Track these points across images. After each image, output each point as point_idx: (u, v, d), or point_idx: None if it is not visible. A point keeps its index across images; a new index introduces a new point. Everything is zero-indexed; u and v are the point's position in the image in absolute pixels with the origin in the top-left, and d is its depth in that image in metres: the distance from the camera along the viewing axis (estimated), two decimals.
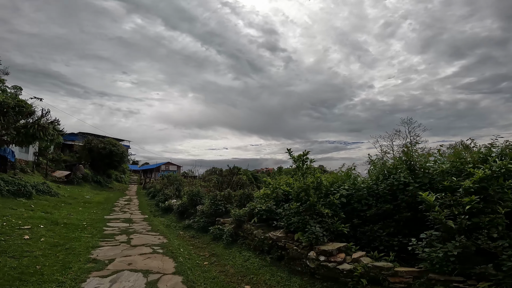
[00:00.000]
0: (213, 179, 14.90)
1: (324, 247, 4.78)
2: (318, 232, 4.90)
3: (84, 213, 11.01)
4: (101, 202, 14.80)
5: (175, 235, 8.05)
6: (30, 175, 17.89)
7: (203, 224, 8.17)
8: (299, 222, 5.30)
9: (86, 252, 5.72)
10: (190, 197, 9.88)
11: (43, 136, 13.49)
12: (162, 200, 13.11)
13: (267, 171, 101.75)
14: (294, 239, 5.32)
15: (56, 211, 10.17)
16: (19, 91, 33.02)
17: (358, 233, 5.51)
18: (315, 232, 4.90)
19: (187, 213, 9.96)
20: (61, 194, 14.64)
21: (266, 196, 6.73)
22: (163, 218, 10.98)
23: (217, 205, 8.18)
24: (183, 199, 13.49)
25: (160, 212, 12.04)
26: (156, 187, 17.77)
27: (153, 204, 14.65)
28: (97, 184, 25.12)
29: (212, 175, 30.44)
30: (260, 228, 6.51)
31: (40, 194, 12.57)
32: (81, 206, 12.84)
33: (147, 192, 21.68)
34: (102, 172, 27.89)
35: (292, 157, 5.92)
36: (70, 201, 13.44)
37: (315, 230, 4.92)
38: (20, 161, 18.67)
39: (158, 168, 49.98)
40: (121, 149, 27.39)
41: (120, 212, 11.85)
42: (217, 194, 8.45)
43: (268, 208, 6.29)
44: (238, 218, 7.03)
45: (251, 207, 7.02)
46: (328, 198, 5.72)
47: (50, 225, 7.84)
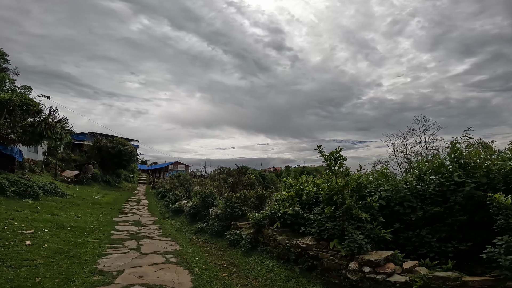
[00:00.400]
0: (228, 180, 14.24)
1: (368, 256, 4.07)
2: (361, 240, 4.18)
3: (92, 215, 10.51)
4: (110, 203, 14.35)
5: (187, 240, 7.41)
6: (39, 175, 17.63)
7: (218, 228, 7.50)
8: (334, 229, 4.56)
9: (92, 261, 5.11)
10: (203, 198, 9.24)
11: (50, 135, 13.10)
12: (172, 201, 12.54)
13: (275, 170, 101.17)
14: (329, 248, 4.61)
15: (63, 213, 9.69)
16: (29, 91, 33.16)
17: (400, 239, 4.80)
18: (357, 239, 4.17)
19: (199, 216, 9.33)
20: (69, 195, 14.25)
21: (290, 199, 6.00)
22: (174, 220, 10.38)
23: (233, 208, 7.50)
24: (193, 199, 12.90)
25: (170, 213, 11.47)
26: (165, 188, 17.26)
27: (163, 205, 14.11)
28: (107, 184, 24.85)
29: (220, 175, 29.91)
30: (284, 234, 5.80)
31: (47, 194, 12.17)
32: (90, 207, 12.38)
33: (156, 192, 21.23)
34: (112, 171, 27.65)
35: (323, 155, 5.17)
36: (78, 202, 13.01)
37: (357, 237, 4.20)
38: (29, 161, 18.45)
39: (166, 167, 49.81)
40: (130, 148, 27.08)
41: (129, 214, 11.33)
42: (232, 195, 7.78)
43: (295, 212, 5.56)
44: (258, 222, 6.33)
45: (272, 211, 6.32)
46: (364, 200, 4.96)
47: (55, 229, 7.31)
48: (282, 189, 7.48)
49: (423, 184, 5.13)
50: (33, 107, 13.53)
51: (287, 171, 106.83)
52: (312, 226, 5.07)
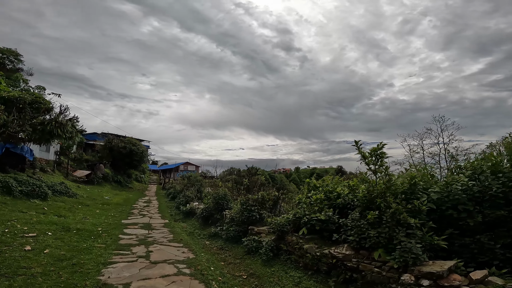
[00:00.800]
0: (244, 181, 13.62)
1: (426, 268, 3.35)
2: (417, 249, 3.43)
3: (101, 216, 10.05)
4: (120, 204, 13.93)
5: (200, 246, 6.76)
6: (50, 174, 17.48)
7: (233, 234, 6.83)
8: (379, 236, 3.81)
9: (96, 271, 4.52)
10: (216, 200, 8.60)
11: (61, 134, 12.79)
12: (183, 202, 11.96)
13: (284, 171, 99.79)
14: (372, 258, 3.86)
15: (70, 214, 9.25)
16: (43, 91, 33.61)
17: (455, 246, 4.09)
18: (412, 249, 3.41)
19: (212, 219, 8.69)
20: (79, 195, 13.93)
21: (319, 202, 5.26)
22: (185, 223, 9.78)
23: (250, 211, 6.81)
24: (204, 201, 12.30)
25: (181, 216, 10.88)
26: (176, 188, 16.76)
27: (173, 206, 13.58)
28: (117, 184, 24.67)
29: (230, 176, 29.34)
30: (311, 242, 5.06)
31: (57, 195, 11.83)
32: (99, 208, 11.97)
33: (166, 192, 20.81)
34: (123, 171, 27.52)
35: (361, 153, 4.42)
36: (88, 203, 12.63)
37: (413, 246, 3.44)
38: (41, 160, 18.36)
39: (177, 168, 49.73)
40: (141, 148, 26.86)
41: (138, 216, 10.81)
42: (249, 198, 7.09)
43: (328, 217, 4.81)
44: (280, 228, 5.62)
45: (296, 215, 5.59)
46: (411, 203, 4.19)
47: (60, 232, 6.82)
48: (305, 191, 6.74)
49: (479, 185, 4.33)
50: (43, 105, 13.28)
51: (297, 172, 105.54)
52: (349, 234, 4.32)
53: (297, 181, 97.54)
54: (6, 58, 32.48)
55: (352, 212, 4.55)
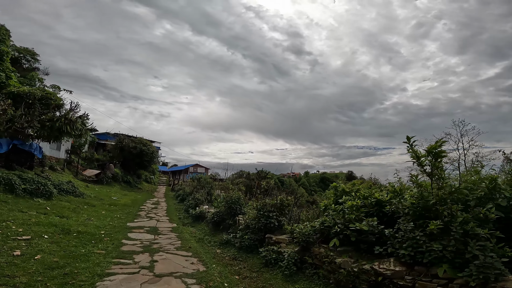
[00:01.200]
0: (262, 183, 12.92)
1: (509, 284, 2.49)
2: (499, 263, 2.60)
3: (106, 218, 9.47)
4: (127, 205, 13.39)
5: (211, 256, 5.99)
6: (60, 173, 17.24)
7: (248, 242, 6.03)
8: (444, 250, 2.97)
9: (90, 284, 3.82)
10: (229, 204, 7.84)
11: (70, 131, 12.41)
12: (193, 205, 11.26)
13: (294, 175, 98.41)
14: (435, 275, 3.03)
15: (74, 215, 8.70)
16: (58, 90, 34.03)
17: None
18: (494, 263, 2.58)
19: (223, 224, 7.93)
20: (87, 195, 13.49)
21: (355, 210, 4.40)
22: (194, 228, 9.06)
23: (268, 218, 6.01)
24: (214, 204, 11.59)
25: (190, 220, 10.18)
26: (185, 190, 16.14)
27: (182, 209, 12.92)
28: (127, 184, 24.35)
29: (240, 178, 28.57)
30: (345, 255, 4.22)
31: (63, 194, 11.38)
32: (105, 209, 11.43)
33: (175, 194, 20.26)
34: (133, 172, 27.27)
35: (414, 151, 3.56)
36: (94, 203, 12.15)
37: (493, 260, 2.61)
38: (51, 159, 18.18)
39: (186, 170, 49.46)
40: (151, 148, 26.56)
41: (145, 218, 10.18)
42: (266, 203, 6.29)
43: (372, 228, 3.96)
44: (305, 238, 4.80)
45: (324, 223, 4.76)
46: (477, 211, 3.31)
47: (58, 235, 6.21)
48: (331, 196, 5.89)
49: None
50: (53, 102, 12.97)
51: (306, 177, 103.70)
52: (398, 246, 3.46)
53: (307, 185, 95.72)
54: (23, 57, 33.15)
55: (400, 221, 3.68)
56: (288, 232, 5.89)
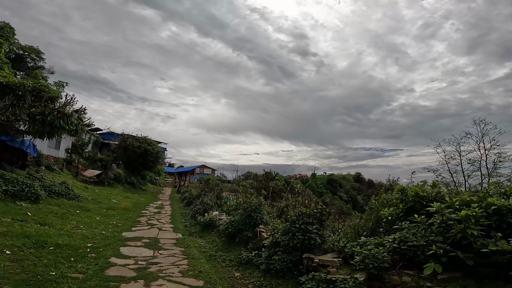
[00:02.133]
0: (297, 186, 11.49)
1: None
2: None
3: (100, 225, 8.03)
4: (128, 209, 11.96)
5: (228, 284, 4.42)
6: (57, 173, 15.98)
7: (280, 265, 4.44)
8: None
9: None
10: (247, 213, 6.28)
11: (63, 125, 11.05)
12: (201, 211, 9.72)
13: (300, 177, 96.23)
14: None
15: (60, 222, 7.27)
16: (61, 88, 33.22)
17: None
18: None
19: (240, 237, 6.37)
20: (83, 197, 12.13)
21: (474, 221, 2.77)
22: (203, 239, 7.51)
23: (307, 232, 4.42)
24: (223, 208, 10.06)
25: (198, 228, 8.64)
26: (192, 193, 14.65)
27: (189, 214, 11.41)
28: (130, 186, 23.06)
29: (248, 180, 26.99)
30: (455, 285, 2.59)
31: (53, 196, 10.01)
32: (101, 213, 10.01)
33: (181, 197, 18.81)
34: (137, 173, 26.00)
35: None
36: (90, 207, 10.74)
37: None
38: (48, 158, 16.98)
39: (192, 171, 48.13)
40: (156, 148, 25.25)
41: (145, 226, 8.70)
42: (302, 211, 4.70)
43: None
44: (378, 263, 3.20)
45: (407, 242, 3.16)
46: None
47: (28, 249, 4.76)
48: (393, 203, 4.27)
49: None
50: (46, 93, 11.66)
51: (313, 179, 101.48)
52: None
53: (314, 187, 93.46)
54: (28, 55, 32.43)
55: None
56: (336, 250, 4.30)
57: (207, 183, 13.13)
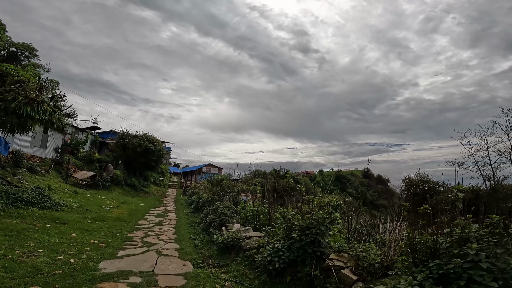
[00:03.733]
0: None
1: None
2: None
3: (71, 248, 5.50)
4: (121, 219, 9.43)
5: None
6: (42, 175, 13.57)
7: None
8: None
9: None
10: (304, 232, 3.63)
11: (32, 114, 8.57)
12: (216, 224, 7.01)
13: (308, 174, 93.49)
14: None
15: (9, 245, 4.75)
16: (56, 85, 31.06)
17: None
18: None
19: (294, 274, 3.72)
20: (66, 205, 9.66)
21: None
22: (226, 272, 4.86)
23: None
24: (241, 214, 7.49)
25: (215, 249, 6.00)
26: (200, 196, 12.04)
27: (198, 225, 8.82)
28: (131, 188, 20.65)
29: (256, 178, 24.30)
30: None
31: (20, 206, 7.54)
32: (83, 227, 7.50)
33: (187, 200, 16.25)
34: (139, 173, 23.56)
35: None
36: (70, 218, 8.25)
37: None
38: (32, 158, 14.57)
39: (199, 170, 45.68)
40: (158, 146, 22.75)
41: (139, 247, 6.13)
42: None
43: None
44: None
45: None
46: None
47: None
48: None
49: None
50: (13, 76, 9.17)
51: (321, 175, 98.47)
52: None
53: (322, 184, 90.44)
54: (21, 53, 30.39)
55: None
56: None
57: (219, 185, 10.52)
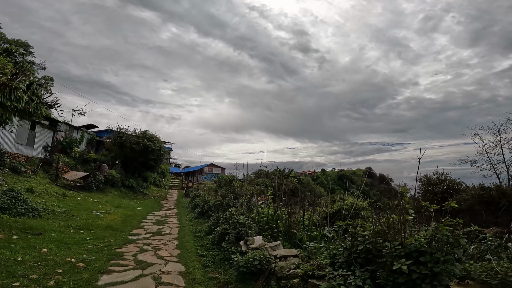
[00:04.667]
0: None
1: None
2: None
3: (35, 271, 3.94)
4: (112, 227, 7.85)
5: None
6: (27, 177, 12.03)
7: None
8: None
9: None
10: (416, 260, 2.04)
11: (3, 101, 7.03)
12: (232, 238, 5.31)
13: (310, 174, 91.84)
14: None
15: None
16: (51, 82, 29.74)
17: None
18: None
19: None
20: (48, 210, 8.14)
21: None
22: None
23: None
24: (258, 219, 5.96)
25: (234, 273, 4.42)
26: (206, 200, 10.43)
27: (205, 234, 7.25)
28: (129, 190, 19.08)
29: (259, 179, 22.73)
30: None
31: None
32: (61, 239, 5.94)
33: (190, 203, 14.68)
34: (138, 174, 21.96)
35: None
36: (48, 226, 6.71)
37: None
38: (17, 157, 13.03)
39: (200, 170, 44.11)
40: (158, 144, 21.17)
41: (130, 269, 4.57)
42: None
43: None
44: None
45: None
46: None
47: None
48: None
49: None
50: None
51: (324, 175, 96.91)
52: None
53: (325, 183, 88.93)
54: (16, 50, 29.13)
55: None
56: None
57: (229, 186, 8.88)
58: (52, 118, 20.06)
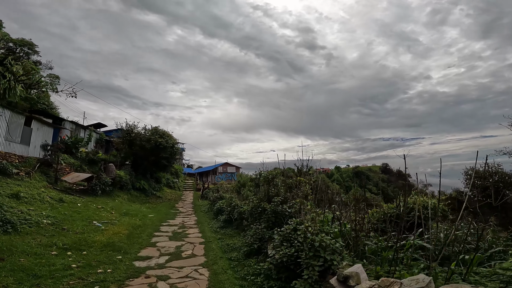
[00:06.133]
0: None
1: None
2: None
3: None
4: (113, 246, 5.66)
5: None
6: (18, 179, 10.11)
7: None
8: None
9: None
10: None
11: None
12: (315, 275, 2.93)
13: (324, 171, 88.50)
14: None
15: None
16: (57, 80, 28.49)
17: None
18: None
19: None
20: (30, 222, 6.14)
21: None
22: None
23: None
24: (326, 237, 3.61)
25: None
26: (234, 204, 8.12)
27: (244, 256, 4.97)
28: (140, 193, 17.09)
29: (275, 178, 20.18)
30: None
31: None
32: (29, 269, 3.76)
33: (210, 206, 12.47)
34: (149, 175, 20.02)
35: None
36: (21, 246, 4.58)
37: None
38: (9, 157, 11.16)
39: (215, 170, 42.11)
40: (170, 141, 19.12)
41: None
42: None
43: None
44: None
45: None
46: None
47: None
48: None
49: None
50: None
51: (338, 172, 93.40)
52: None
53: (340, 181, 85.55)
54: (21, 49, 28.01)
55: None
56: None
57: (271, 184, 6.35)
58: (55, 115, 18.39)
